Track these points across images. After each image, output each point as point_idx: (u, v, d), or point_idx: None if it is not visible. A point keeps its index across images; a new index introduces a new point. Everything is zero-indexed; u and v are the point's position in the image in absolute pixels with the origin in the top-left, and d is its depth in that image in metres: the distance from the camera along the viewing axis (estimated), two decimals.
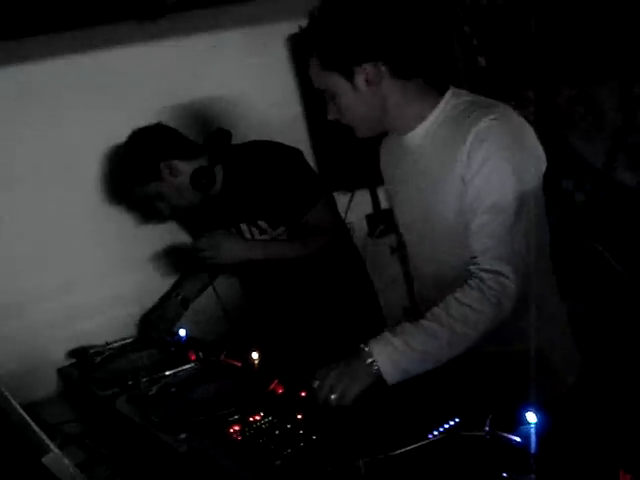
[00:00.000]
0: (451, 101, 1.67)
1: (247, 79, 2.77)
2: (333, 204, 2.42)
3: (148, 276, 2.63)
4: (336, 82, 1.64)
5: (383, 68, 1.62)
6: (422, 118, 1.69)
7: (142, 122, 2.36)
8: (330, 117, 1.72)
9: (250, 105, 2.76)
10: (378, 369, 1.55)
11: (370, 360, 1.55)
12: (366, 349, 1.57)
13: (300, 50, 2.73)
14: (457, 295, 1.57)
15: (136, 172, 2.33)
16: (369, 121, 1.70)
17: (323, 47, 1.63)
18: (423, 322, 1.58)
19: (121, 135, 2.38)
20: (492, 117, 1.56)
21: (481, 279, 1.55)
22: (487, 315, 1.55)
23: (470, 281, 1.57)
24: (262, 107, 2.79)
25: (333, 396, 1.55)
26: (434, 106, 1.68)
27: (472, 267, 1.58)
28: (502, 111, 1.60)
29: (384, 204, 3.16)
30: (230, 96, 2.73)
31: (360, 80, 1.62)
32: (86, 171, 2.49)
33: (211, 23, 2.68)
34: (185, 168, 2.31)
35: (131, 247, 2.59)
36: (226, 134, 2.35)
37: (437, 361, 1.58)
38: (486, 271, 1.55)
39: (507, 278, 1.54)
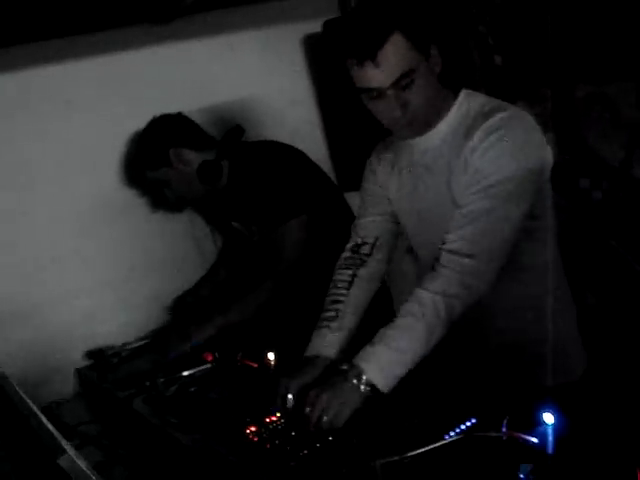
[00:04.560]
0: (465, 103, 1.67)
1: (262, 80, 2.77)
2: (317, 224, 2.27)
3: (166, 277, 2.63)
4: (419, 62, 1.57)
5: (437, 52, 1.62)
6: (440, 117, 1.68)
7: None
8: (397, 113, 1.59)
9: (265, 106, 2.75)
10: (367, 383, 1.51)
11: (357, 378, 1.52)
12: (348, 367, 1.55)
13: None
14: (424, 284, 1.56)
15: (147, 155, 2.37)
16: (432, 110, 1.65)
17: (412, 22, 1.56)
18: (397, 320, 1.56)
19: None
20: (501, 115, 1.57)
21: (446, 261, 1.54)
22: (456, 298, 1.52)
23: (436, 265, 1.55)
24: (277, 108, 2.79)
25: (325, 418, 1.51)
26: (450, 106, 1.68)
27: (441, 246, 1.56)
28: (512, 111, 1.59)
29: None
30: (245, 97, 2.73)
31: (433, 61, 1.61)
32: (103, 173, 2.50)
33: (226, 24, 2.68)
34: (194, 158, 2.33)
35: (149, 248, 2.59)
36: (239, 130, 2.36)
37: (422, 354, 1.54)
38: (450, 252, 1.54)
39: (471, 258, 1.51)
